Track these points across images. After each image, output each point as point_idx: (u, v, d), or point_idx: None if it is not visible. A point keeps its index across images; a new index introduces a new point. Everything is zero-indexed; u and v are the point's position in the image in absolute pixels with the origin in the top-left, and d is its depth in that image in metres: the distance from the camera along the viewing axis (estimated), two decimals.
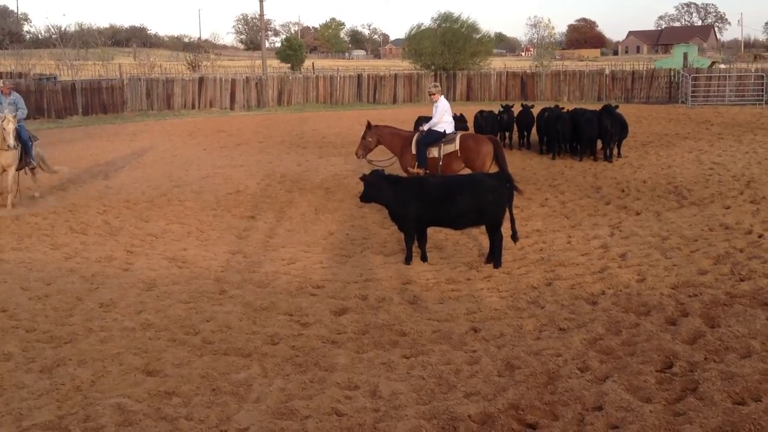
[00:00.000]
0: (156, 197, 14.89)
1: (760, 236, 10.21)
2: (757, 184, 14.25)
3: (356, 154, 13.68)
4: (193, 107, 38.50)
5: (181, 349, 6.88)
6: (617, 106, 19.45)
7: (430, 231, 11.95)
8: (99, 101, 35.95)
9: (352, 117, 33.21)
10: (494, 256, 9.63)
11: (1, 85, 14.34)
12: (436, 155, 12.85)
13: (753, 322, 6.76)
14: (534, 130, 21.21)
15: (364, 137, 13.40)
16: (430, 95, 13.35)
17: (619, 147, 19.05)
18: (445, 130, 12.91)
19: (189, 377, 6.17)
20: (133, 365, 6.50)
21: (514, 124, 21.73)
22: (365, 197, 10.19)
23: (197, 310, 7.98)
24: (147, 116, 35.45)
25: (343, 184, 16.25)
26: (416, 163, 12.89)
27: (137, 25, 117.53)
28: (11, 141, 13.16)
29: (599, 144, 18.89)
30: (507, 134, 21.86)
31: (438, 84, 13.83)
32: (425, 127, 13.06)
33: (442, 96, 13.21)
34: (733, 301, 7.47)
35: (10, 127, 13.19)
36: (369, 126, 13.38)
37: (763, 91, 34.27)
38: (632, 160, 18.23)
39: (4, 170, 13.57)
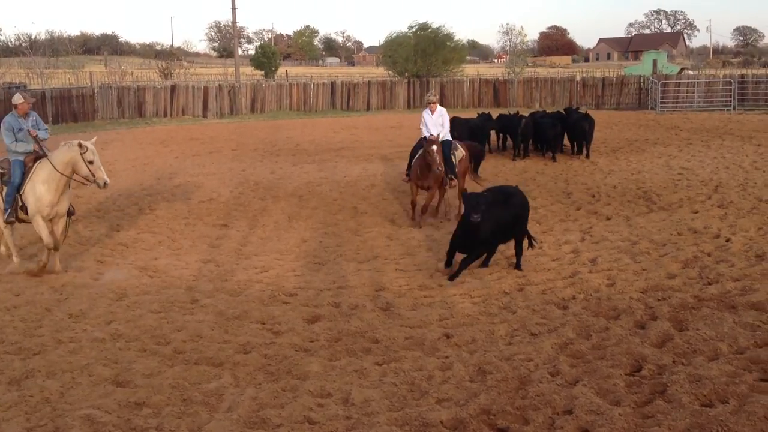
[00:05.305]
0: (127, 206, 14.75)
1: (727, 240, 10.39)
2: (724, 188, 14.48)
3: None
4: (165, 115, 38.22)
5: (152, 360, 6.83)
6: (578, 108, 20.60)
7: (403, 235, 12.02)
8: (69, 110, 35.55)
9: (326, 124, 33.21)
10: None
11: (21, 100, 9.91)
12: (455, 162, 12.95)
13: (720, 325, 6.87)
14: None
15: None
16: (429, 104, 13.22)
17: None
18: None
19: (159, 387, 6.12)
20: (103, 376, 6.43)
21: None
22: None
23: (168, 320, 7.92)
24: (118, 124, 35.14)
25: (316, 191, 16.23)
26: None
27: (108, 32, 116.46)
28: (105, 177, 9.69)
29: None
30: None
31: (436, 93, 13.90)
32: (439, 135, 12.54)
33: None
34: (701, 305, 7.59)
35: (98, 159, 9.67)
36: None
37: (731, 97, 34.81)
38: (602, 166, 18.43)
39: (55, 218, 9.91)
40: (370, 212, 14.01)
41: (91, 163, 9.51)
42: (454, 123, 20.62)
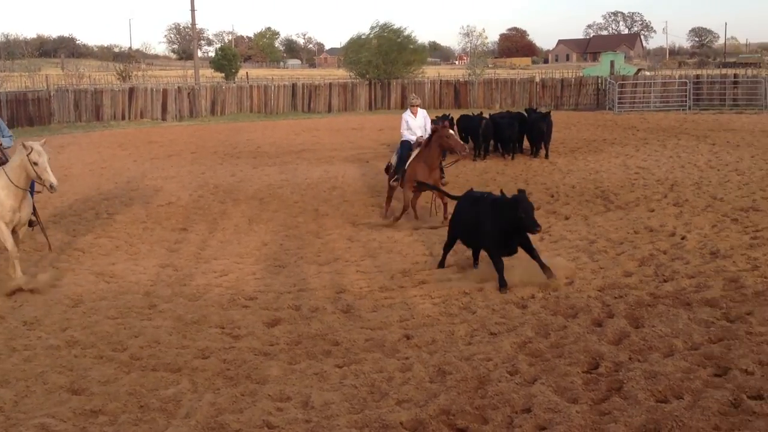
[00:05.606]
0: (83, 211, 14.53)
1: (682, 238, 10.56)
2: (680, 187, 14.73)
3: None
4: (124, 118, 37.75)
5: (108, 366, 6.72)
6: (537, 108, 21.02)
7: (364, 237, 12.02)
8: (25, 113, 34.90)
9: (287, 126, 33.10)
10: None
11: None
12: None
13: (675, 322, 6.97)
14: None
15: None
16: (411, 107, 13.53)
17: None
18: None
19: (116, 395, 6.03)
20: (58, 384, 6.31)
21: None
22: None
23: (125, 326, 7.80)
24: (75, 128, 34.60)
25: (277, 194, 16.15)
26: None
27: (66, 35, 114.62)
28: (52, 178, 9.08)
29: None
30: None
31: (418, 96, 14.37)
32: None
33: None
34: (656, 302, 7.70)
35: (44, 160, 9.07)
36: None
37: (686, 97, 35.45)
38: (561, 166, 18.64)
39: (17, 226, 9.52)
40: (331, 214, 13.98)
41: (35, 164, 9.00)
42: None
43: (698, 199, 13.35)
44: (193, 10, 46.62)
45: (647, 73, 46.27)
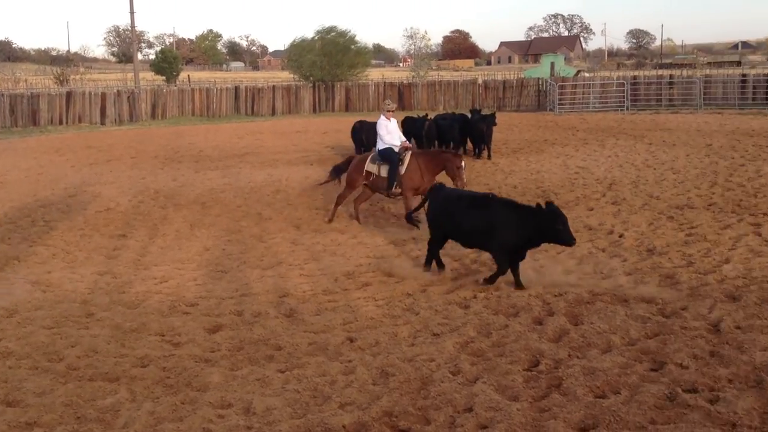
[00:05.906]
0: (19, 218, 14.11)
1: (620, 236, 10.80)
2: (618, 186, 15.05)
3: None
4: (61, 123, 36.89)
5: (44, 377, 6.53)
6: (480, 109, 22.38)
7: (308, 240, 11.96)
8: None
9: (230, 130, 32.77)
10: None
11: None
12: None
13: (613, 318, 7.14)
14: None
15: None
16: (387, 112, 13.34)
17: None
18: None
19: (51, 406, 5.86)
20: None
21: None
22: None
23: (62, 336, 7.58)
24: (11, 134, 33.68)
25: (219, 198, 15.95)
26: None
27: (1, 38, 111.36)
28: None
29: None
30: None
31: (394, 102, 14.30)
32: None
33: None
34: (595, 299, 7.85)
35: None
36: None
37: (624, 98, 36.23)
38: (503, 167, 18.86)
39: None
40: (274, 218, 13.86)
41: None
42: (364, 127, 20.80)
43: (635, 198, 13.67)
44: (132, 12, 45.86)
45: (586, 75, 47.24)
